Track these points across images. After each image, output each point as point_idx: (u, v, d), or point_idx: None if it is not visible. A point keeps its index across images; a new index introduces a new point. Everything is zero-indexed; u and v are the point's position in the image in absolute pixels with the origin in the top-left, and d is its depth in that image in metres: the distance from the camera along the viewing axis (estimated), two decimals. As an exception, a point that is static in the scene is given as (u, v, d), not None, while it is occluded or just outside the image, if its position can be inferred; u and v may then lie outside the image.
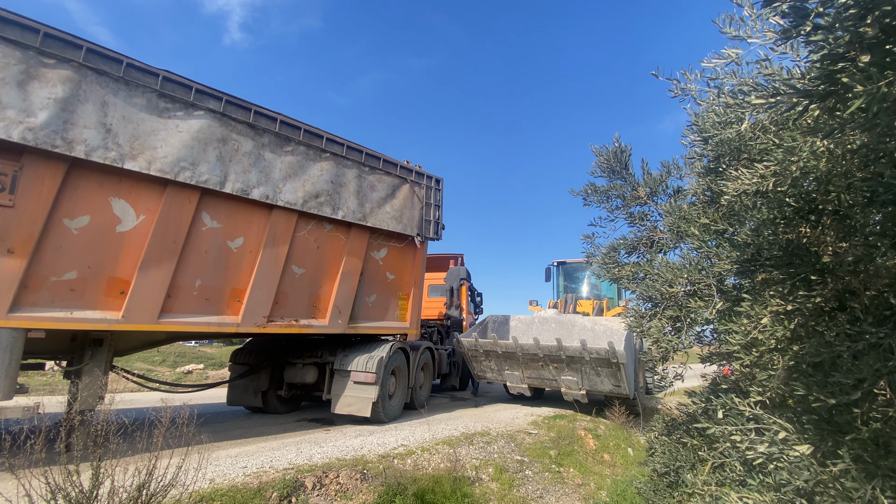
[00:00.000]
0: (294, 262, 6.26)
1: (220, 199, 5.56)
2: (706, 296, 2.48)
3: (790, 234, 1.93)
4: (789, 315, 2.03)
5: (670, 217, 2.97)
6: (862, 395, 1.54)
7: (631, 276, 3.07)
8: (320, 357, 7.04)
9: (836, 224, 1.83)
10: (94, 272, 4.67)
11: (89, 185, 4.66)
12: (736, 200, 1.92)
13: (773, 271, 2.12)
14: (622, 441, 7.26)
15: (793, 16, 0.97)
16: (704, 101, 2.19)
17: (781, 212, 1.89)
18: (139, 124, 4.83)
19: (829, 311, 1.89)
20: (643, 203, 3.30)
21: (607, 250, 3.31)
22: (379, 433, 6.18)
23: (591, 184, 3.43)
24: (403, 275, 7.67)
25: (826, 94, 1.01)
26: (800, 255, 2.07)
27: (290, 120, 6.09)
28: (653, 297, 2.76)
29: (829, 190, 1.72)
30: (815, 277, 1.95)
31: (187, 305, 5.32)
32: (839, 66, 0.93)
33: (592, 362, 7.49)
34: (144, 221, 4.99)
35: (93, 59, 4.59)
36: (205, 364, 14.36)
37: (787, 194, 1.75)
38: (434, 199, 7.79)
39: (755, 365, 2.07)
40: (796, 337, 2.01)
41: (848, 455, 1.61)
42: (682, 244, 2.93)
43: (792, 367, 1.91)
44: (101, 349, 5.00)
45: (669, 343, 2.52)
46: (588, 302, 11.24)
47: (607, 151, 3.34)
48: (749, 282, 2.25)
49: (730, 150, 2.23)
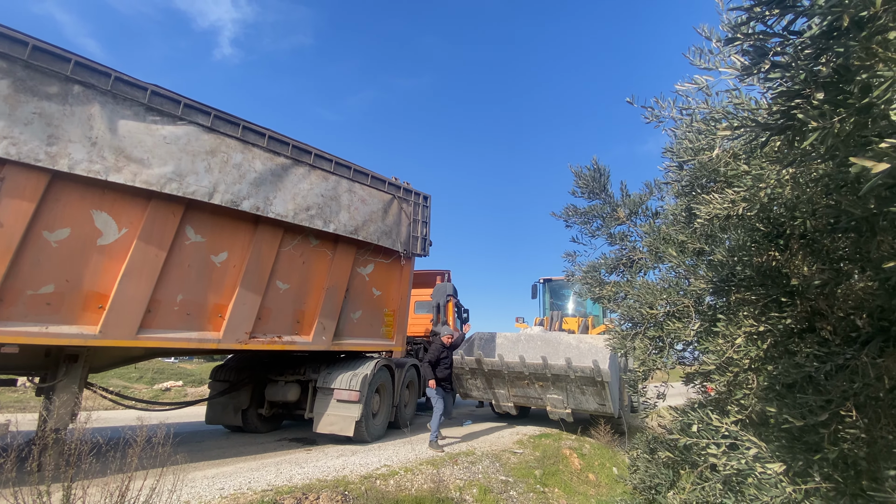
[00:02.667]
0: (279, 277, 6.21)
1: (205, 214, 5.52)
2: (685, 316, 2.53)
3: (761, 257, 2.00)
4: (762, 335, 2.09)
5: (649, 237, 3.05)
6: (830, 416, 1.59)
7: (612, 296, 3.12)
8: (303, 374, 6.93)
9: (803, 248, 1.90)
10: (71, 286, 4.57)
11: (71, 198, 4.60)
12: (707, 224, 1.99)
13: (746, 292, 2.19)
14: (607, 460, 7.24)
15: (753, 54, 1.04)
16: (678, 128, 2.28)
17: (752, 236, 1.96)
18: (125, 137, 4.80)
19: (799, 331, 1.96)
20: (622, 223, 3.38)
21: (588, 269, 3.37)
22: (361, 453, 6.07)
23: (571, 206, 3.51)
24: (390, 291, 7.65)
25: (784, 127, 1.07)
26: (771, 276, 2.15)
27: (278, 135, 6.12)
28: (634, 318, 2.81)
29: (795, 216, 1.80)
30: (785, 299, 2.02)
31: (167, 321, 5.22)
32: (795, 102, 0.99)
33: (577, 381, 7.50)
34: (126, 235, 4.92)
35: (81, 72, 4.58)
36: (184, 381, 13.98)
37: (757, 219, 1.82)
38: (422, 216, 7.84)
39: (732, 384, 2.12)
40: (769, 357, 2.07)
41: (818, 474, 1.65)
42: (661, 264, 3.00)
43: (766, 387, 1.96)
44: (76, 365, 4.87)
45: (654, 363, 2.56)
46: (574, 319, 11.31)
47: (587, 173, 3.43)
48: (724, 302, 2.32)
49: (704, 174, 2.31)
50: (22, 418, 5.46)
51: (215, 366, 7.49)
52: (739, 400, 2.11)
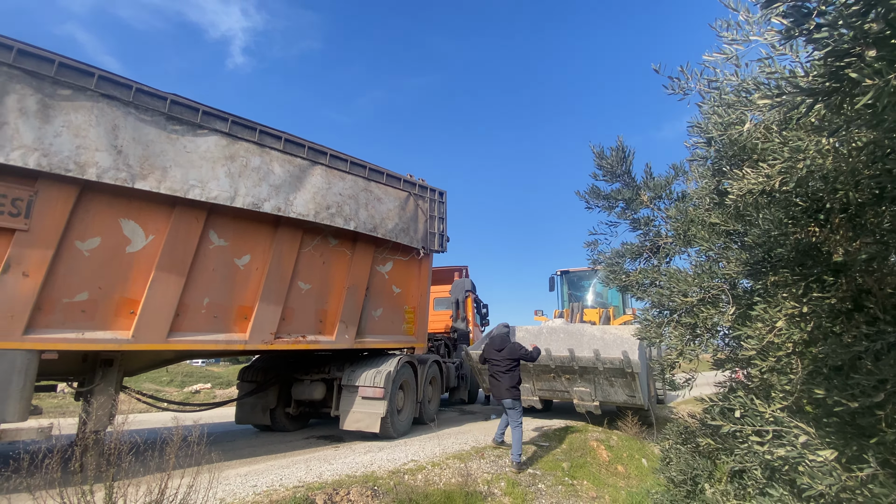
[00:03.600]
0: (300, 277, 6.28)
1: (227, 218, 5.61)
2: (719, 301, 2.45)
3: (800, 234, 1.92)
4: (805, 317, 2.00)
5: (676, 221, 2.97)
6: (885, 397, 1.51)
7: (639, 284, 3.05)
8: (328, 373, 7.01)
9: (845, 222, 1.81)
10: (104, 293, 4.71)
11: (100, 208, 4.73)
12: (741, 200, 1.91)
13: (784, 272, 2.10)
14: (636, 452, 7.12)
15: (794, 15, 0.99)
16: (706, 102, 2.20)
17: (789, 212, 1.88)
18: (149, 146, 4.91)
19: (845, 311, 1.87)
20: (646, 206, 3.29)
21: (612, 257, 3.30)
22: (388, 449, 6.11)
23: (593, 187, 3.43)
24: (409, 288, 7.66)
25: (831, 91, 1.01)
26: (811, 255, 2.06)
27: (294, 138, 6.17)
28: (665, 305, 2.74)
29: (836, 188, 1.72)
30: (828, 277, 1.93)
31: (195, 324, 5.33)
32: (844, 62, 0.93)
33: (606, 372, 7.36)
34: (153, 241, 5.04)
35: (104, 85, 4.70)
36: (212, 383, 14.31)
37: (794, 193, 1.74)
38: (438, 212, 7.83)
39: (773, 370, 2.04)
40: (813, 339, 1.98)
41: (874, 459, 1.57)
42: (690, 249, 2.91)
43: (812, 371, 1.88)
44: (111, 369, 5.02)
45: (692, 351, 2.48)
46: (594, 311, 11.15)
47: (610, 154, 3.34)
48: (761, 285, 2.23)
49: (734, 151, 2.23)
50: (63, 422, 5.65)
51: (243, 367, 7.64)
52: (784, 385, 2.03)
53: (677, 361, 2.90)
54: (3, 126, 4.06)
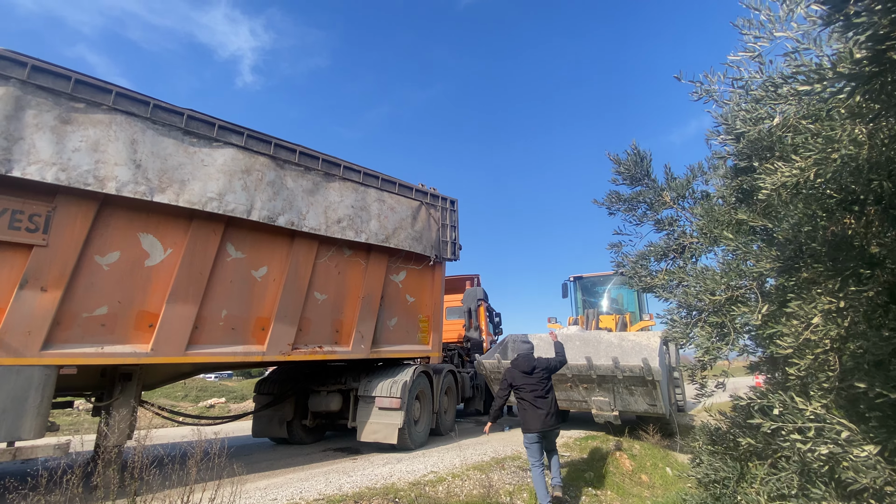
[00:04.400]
0: (316, 288, 6.30)
1: (244, 230, 5.67)
2: (749, 300, 2.41)
3: (834, 226, 1.88)
4: (841, 312, 1.95)
5: (702, 220, 2.93)
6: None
7: (665, 285, 3.01)
8: (344, 384, 6.98)
9: (880, 213, 1.78)
10: (123, 307, 4.75)
11: (119, 223, 4.80)
12: (774, 194, 1.88)
13: (818, 267, 2.06)
14: (659, 460, 6.96)
15: (833, 1, 0.98)
16: (730, 101, 2.18)
17: (822, 204, 1.85)
18: (167, 159, 4.99)
19: (883, 304, 1.82)
20: (669, 207, 3.26)
21: (636, 258, 3.26)
22: (407, 460, 6.04)
23: (614, 192, 3.41)
24: (423, 297, 7.65)
25: (872, 75, 0.99)
26: (845, 248, 2.01)
27: (308, 150, 6.24)
28: (693, 305, 2.69)
29: (870, 179, 1.68)
30: (864, 271, 1.89)
31: (214, 336, 5.36)
32: (886, 45, 0.92)
33: (626, 381, 7.19)
34: (172, 255, 5.10)
35: (122, 101, 4.80)
36: (226, 397, 14.33)
37: (828, 185, 1.71)
38: (450, 220, 7.84)
39: (812, 367, 1.99)
40: (851, 335, 1.93)
41: (925, 455, 1.51)
42: (716, 248, 2.87)
43: (853, 367, 1.83)
44: (130, 383, 5.04)
45: (719, 351, 2.43)
46: (609, 317, 11.01)
47: (627, 159, 3.33)
48: (794, 281, 2.19)
49: (760, 148, 2.20)
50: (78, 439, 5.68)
51: (259, 380, 7.64)
52: (822, 383, 1.98)
53: (707, 363, 2.84)
54: (18, 141, 4.14)
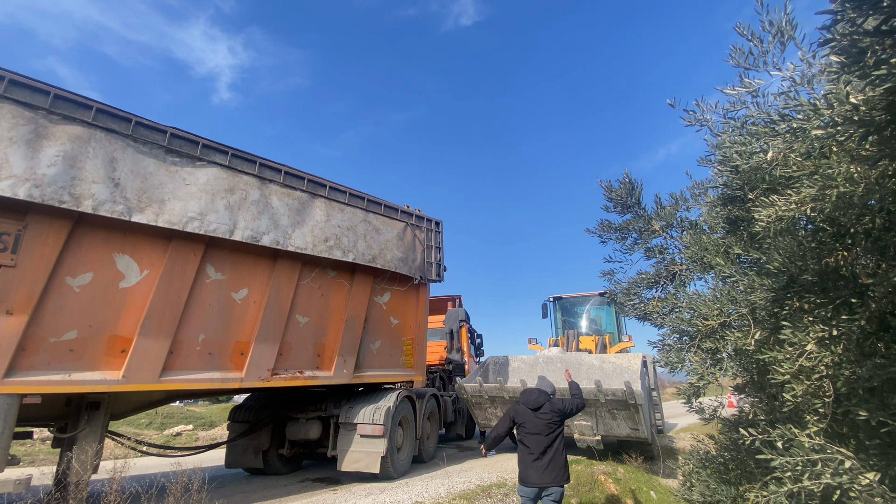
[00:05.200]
0: (298, 311, 6.14)
1: (224, 251, 5.50)
2: (742, 326, 2.48)
3: (828, 258, 1.97)
4: (834, 340, 2.03)
5: (691, 249, 3.02)
6: (933, 417, 1.52)
7: (658, 311, 3.07)
8: (324, 410, 6.75)
9: (869, 247, 1.87)
10: (94, 331, 4.50)
11: (94, 242, 4.59)
12: (770, 227, 1.96)
13: (810, 297, 2.14)
14: (643, 484, 6.97)
15: (850, 52, 1.04)
16: (723, 133, 2.29)
17: (816, 237, 1.94)
18: (147, 178, 4.83)
19: (874, 332, 1.90)
20: (658, 235, 3.35)
21: (629, 286, 3.32)
22: (390, 490, 5.84)
23: (605, 221, 3.50)
24: (407, 319, 7.55)
25: (885, 123, 1.06)
26: (835, 279, 2.11)
27: (294, 170, 6.17)
28: (686, 332, 2.75)
29: (862, 215, 1.78)
30: (855, 300, 1.97)
31: (190, 362, 5.12)
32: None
33: (608, 405, 7.18)
34: (148, 276, 4.89)
35: (102, 118, 4.65)
36: (194, 424, 13.61)
37: (823, 219, 1.80)
38: (435, 242, 7.83)
39: (807, 393, 2.04)
40: (845, 362, 2.00)
41: (925, 481, 1.56)
42: (707, 275, 2.96)
43: (847, 393, 1.89)
44: (97, 413, 4.74)
45: (712, 376, 2.48)
46: (589, 338, 11.11)
47: (619, 187, 3.43)
48: (786, 310, 2.26)
49: (752, 179, 2.31)
50: (37, 472, 5.26)
51: (234, 407, 7.30)
52: (818, 408, 2.03)
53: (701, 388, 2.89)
54: None
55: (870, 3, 0.99)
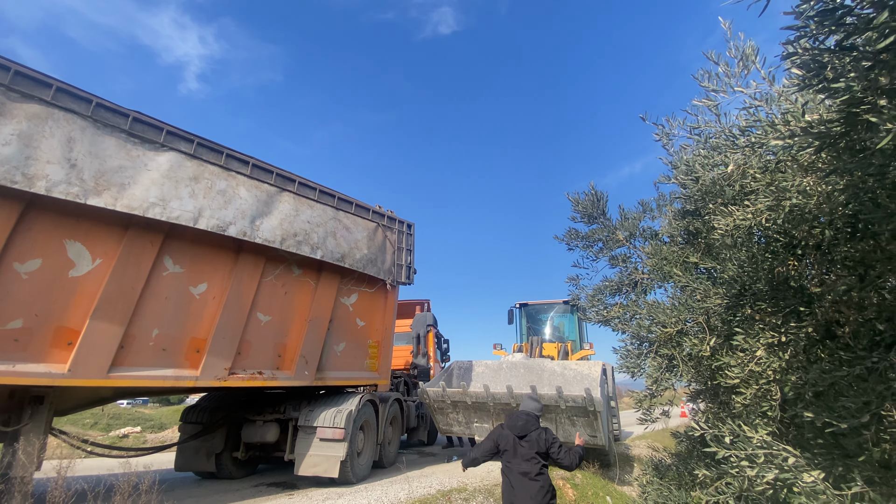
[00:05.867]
0: (260, 309, 5.96)
1: (184, 243, 5.29)
2: (699, 333, 2.59)
3: (780, 266, 2.09)
4: (783, 346, 2.15)
5: (653, 259, 3.14)
6: (870, 418, 1.63)
7: (620, 317, 3.16)
8: (283, 413, 6.55)
9: (819, 257, 2.00)
10: (40, 321, 4.23)
11: (44, 227, 4.33)
12: (728, 236, 2.07)
13: (761, 305, 2.26)
14: (600, 489, 7.11)
15: (811, 66, 1.13)
16: (688, 147, 2.41)
17: (770, 247, 2.06)
18: (106, 161, 4.59)
19: (820, 339, 2.03)
20: (622, 245, 3.47)
21: (594, 293, 3.42)
22: (349, 495, 5.71)
23: (572, 230, 3.60)
24: (374, 321, 7.46)
25: (840, 135, 1.15)
26: (784, 288, 2.24)
27: (262, 163, 6.01)
28: (645, 338, 2.85)
29: (813, 226, 1.91)
30: (803, 308, 2.10)
31: (141, 357, 4.87)
32: (861, 108, 1.07)
33: (568, 411, 7.27)
34: (101, 265, 4.64)
35: (62, 97, 4.42)
36: (142, 427, 12.87)
37: (778, 230, 1.91)
38: (406, 244, 7.80)
39: (756, 397, 2.15)
40: (792, 367, 2.12)
41: (861, 478, 1.67)
42: (666, 284, 3.08)
43: (793, 398, 2.01)
44: (41, 408, 4.43)
45: (667, 381, 2.57)
46: (552, 345, 11.29)
47: (585, 199, 3.55)
48: (739, 317, 2.38)
49: (710, 193, 2.43)
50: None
51: (186, 407, 6.98)
52: (766, 412, 2.14)
53: (655, 393, 2.99)
54: None
55: (832, 20, 1.07)
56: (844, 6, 1.09)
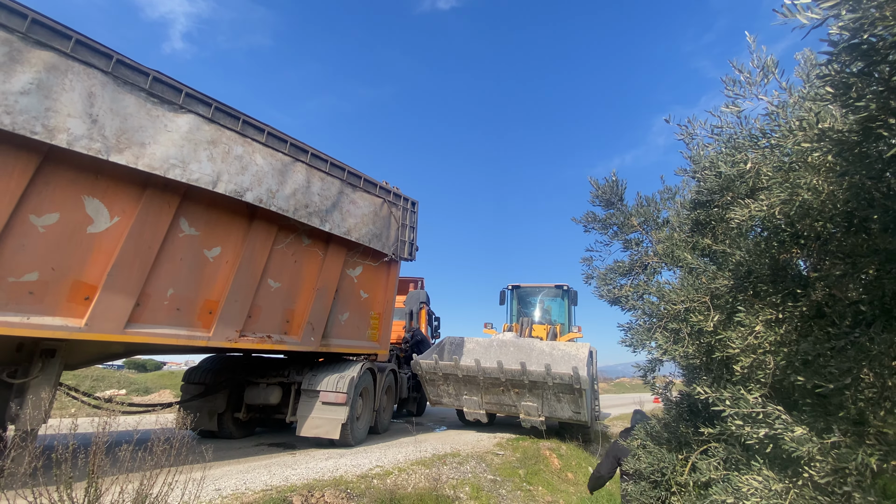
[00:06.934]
0: (271, 275, 6.10)
1: (200, 206, 5.37)
2: (703, 311, 2.89)
3: (784, 254, 2.39)
4: (779, 322, 2.47)
5: (663, 244, 3.43)
6: (850, 381, 1.95)
7: (630, 295, 3.46)
8: (287, 376, 6.77)
9: (818, 248, 2.31)
10: (57, 275, 4.29)
11: (61, 181, 4.36)
12: (743, 225, 2.35)
13: (763, 287, 2.57)
14: (583, 461, 7.61)
15: (840, 86, 1.37)
16: (710, 146, 2.67)
17: (778, 237, 2.35)
18: (127, 119, 4.61)
19: (811, 317, 2.35)
20: (636, 230, 3.75)
21: (606, 272, 3.70)
22: (350, 455, 6.01)
23: (590, 213, 3.85)
24: (376, 294, 7.67)
25: (855, 143, 1.41)
26: (783, 273, 2.55)
27: (277, 132, 6.07)
28: (655, 314, 3.15)
29: (816, 221, 2.19)
30: (800, 290, 2.42)
31: (157, 315, 4.99)
32: (875, 124, 1.33)
33: (555, 388, 7.67)
34: (119, 223, 4.70)
35: (81, 50, 4.39)
36: (127, 390, 12.90)
37: (787, 222, 2.20)
38: (409, 221, 7.98)
39: (753, 366, 2.48)
40: (785, 341, 2.45)
41: (838, 430, 2.01)
42: (675, 268, 3.38)
43: (786, 366, 2.33)
44: (52, 361, 4.52)
45: (675, 352, 2.89)
46: (542, 327, 11.72)
47: (605, 184, 3.79)
48: (742, 297, 2.69)
49: (728, 187, 2.71)
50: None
51: (189, 368, 7.12)
52: (759, 379, 2.47)
53: (657, 363, 3.32)
54: None
55: (858, 52, 1.32)
56: (867, 42, 1.34)
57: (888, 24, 1.22)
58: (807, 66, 2.53)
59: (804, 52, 2.61)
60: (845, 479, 2.04)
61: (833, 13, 1.32)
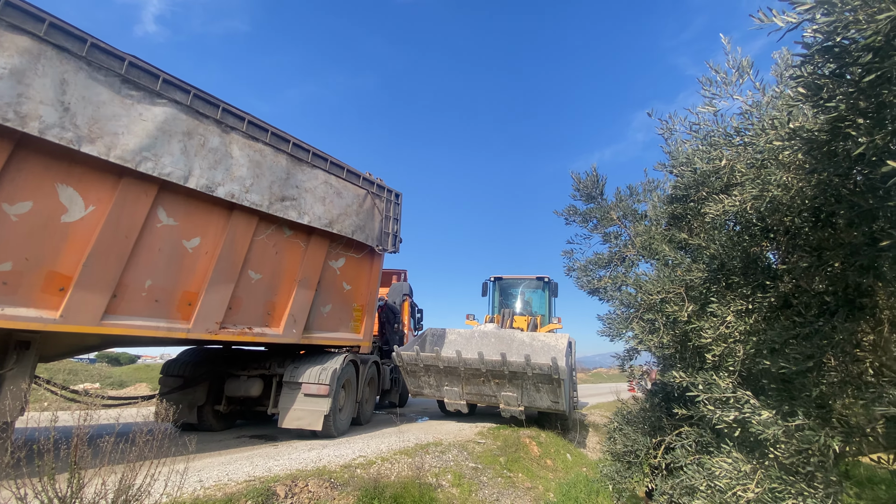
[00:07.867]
0: (251, 266, 6.03)
1: (178, 196, 5.25)
2: (679, 301, 3.02)
3: (754, 247, 2.52)
4: (749, 313, 2.60)
5: (641, 237, 3.54)
6: (812, 365, 2.08)
7: (609, 286, 3.57)
8: (268, 368, 6.73)
9: (787, 242, 2.43)
10: (31, 265, 4.17)
11: (34, 169, 4.21)
12: (717, 219, 2.46)
13: (734, 278, 2.70)
14: (561, 448, 7.80)
15: (812, 87, 1.46)
16: (687, 142, 2.76)
17: (749, 230, 2.47)
18: (100, 107, 4.48)
19: (779, 307, 2.48)
20: (615, 224, 3.86)
21: (586, 264, 3.80)
22: (332, 446, 6.04)
23: (571, 206, 3.95)
24: (360, 286, 7.66)
25: (825, 142, 1.50)
26: (754, 266, 2.67)
27: (257, 121, 5.97)
28: (632, 304, 3.27)
29: (784, 216, 2.31)
30: (768, 282, 2.55)
31: (134, 307, 4.89)
32: (844, 123, 1.42)
33: (534, 378, 7.80)
34: (94, 213, 4.58)
35: (54, 34, 4.23)
36: (102, 383, 12.59)
37: (758, 217, 2.31)
38: (393, 213, 7.96)
39: (724, 354, 2.61)
40: (754, 330, 2.58)
41: (802, 413, 2.14)
42: (652, 260, 3.50)
43: (754, 353, 2.46)
44: (27, 353, 4.40)
45: (650, 341, 3.00)
46: (523, 318, 11.89)
47: (586, 178, 3.88)
48: (715, 288, 2.82)
49: (703, 182, 2.81)
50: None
51: (167, 360, 7.00)
52: (729, 366, 2.60)
53: (634, 352, 3.44)
54: None
55: (830, 54, 1.40)
56: (840, 45, 1.42)
57: (861, 28, 1.30)
58: (783, 66, 2.64)
59: (781, 52, 2.71)
60: (808, 460, 2.18)
61: (808, 17, 1.39)
